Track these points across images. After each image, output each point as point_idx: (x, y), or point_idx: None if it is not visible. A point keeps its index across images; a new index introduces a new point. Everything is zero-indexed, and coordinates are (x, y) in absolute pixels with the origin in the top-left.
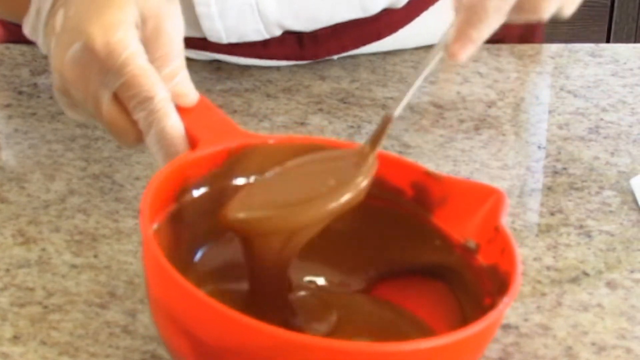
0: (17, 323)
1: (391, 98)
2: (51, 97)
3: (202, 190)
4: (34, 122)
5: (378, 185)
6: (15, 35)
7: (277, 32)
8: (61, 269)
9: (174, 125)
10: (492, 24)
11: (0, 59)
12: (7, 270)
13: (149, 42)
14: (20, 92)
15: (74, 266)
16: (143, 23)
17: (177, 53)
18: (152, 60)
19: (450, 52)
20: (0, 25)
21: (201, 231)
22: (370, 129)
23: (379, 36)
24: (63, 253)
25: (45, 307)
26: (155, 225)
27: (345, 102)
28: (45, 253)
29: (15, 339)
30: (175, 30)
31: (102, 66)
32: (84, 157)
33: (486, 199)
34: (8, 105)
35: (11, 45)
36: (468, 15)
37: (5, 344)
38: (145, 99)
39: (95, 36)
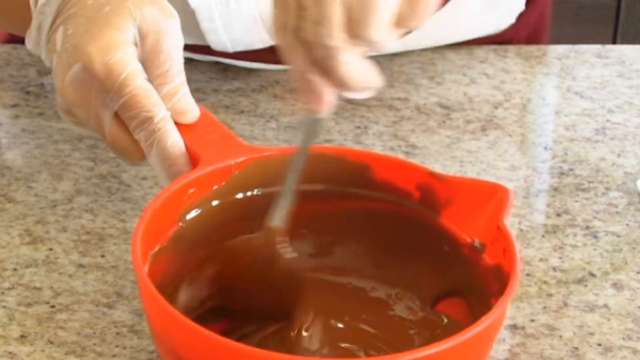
0: (24, 322)
1: (398, 99)
2: None
3: (207, 207)
4: (41, 122)
5: (385, 189)
6: (20, 36)
7: None
8: (68, 268)
9: (174, 144)
10: None
11: (8, 59)
12: (15, 269)
13: (149, 59)
14: (27, 92)
15: (81, 266)
16: (142, 40)
17: (177, 70)
18: (152, 78)
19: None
20: None
21: (209, 248)
22: (377, 129)
23: None
24: (70, 253)
25: (53, 306)
26: (157, 248)
27: (352, 103)
28: (53, 253)
29: (23, 338)
30: (174, 47)
31: (102, 87)
32: (91, 157)
33: (492, 196)
34: (15, 105)
35: (18, 46)
36: None
37: (12, 343)
38: (145, 119)
39: (94, 57)
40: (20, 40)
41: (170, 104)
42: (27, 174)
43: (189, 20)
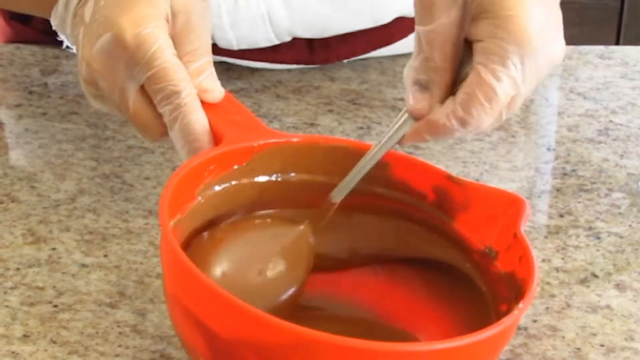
0: (27, 322)
1: (401, 99)
2: (61, 97)
3: (225, 186)
4: (44, 122)
5: (401, 189)
6: (22, 35)
7: (288, 39)
8: (71, 268)
9: (199, 120)
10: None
11: (11, 59)
12: (18, 269)
13: (179, 37)
14: (30, 92)
15: (84, 266)
16: (173, 18)
17: (205, 49)
18: (181, 55)
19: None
20: (8, 25)
21: (222, 226)
22: (379, 130)
23: (389, 41)
24: (73, 252)
25: (55, 306)
26: (176, 218)
27: (355, 103)
28: (56, 252)
29: (25, 337)
30: (204, 27)
31: (131, 58)
32: (94, 157)
33: (508, 206)
34: (18, 105)
35: (21, 46)
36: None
37: (15, 343)
38: (171, 92)
39: (126, 28)
40: (24, 40)
41: (196, 82)
42: (30, 173)
43: None
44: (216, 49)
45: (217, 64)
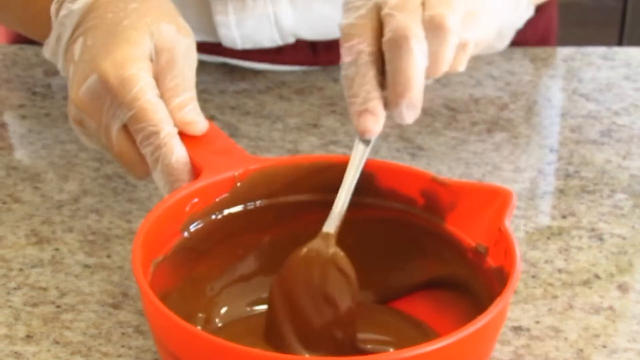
0: (30, 322)
1: None
2: (65, 98)
3: (211, 218)
4: (48, 123)
5: (390, 197)
6: (26, 36)
7: (292, 40)
8: (74, 269)
9: (179, 160)
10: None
11: (15, 59)
12: (21, 269)
13: (162, 74)
14: (34, 93)
15: (87, 266)
16: (157, 55)
17: (188, 85)
18: (164, 91)
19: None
20: None
21: (215, 258)
22: (382, 131)
23: None
24: (76, 253)
25: (58, 306)
26: (160, 257)
27: None
28: (59, 253)
29: (29, 338)
30: (187, 63)
31: (114, 99)
32: (97, 157)
33: (493, 199)
34: (22, 106)
35: (25, 46)
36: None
37: (18, 343)
38: (151, 133)
39: (109, 71)
40: (27, 41)
41: (179, 115)
42: (34, 174)
43: (203, 14)
44: (220, 50)
45: (220, 65)
